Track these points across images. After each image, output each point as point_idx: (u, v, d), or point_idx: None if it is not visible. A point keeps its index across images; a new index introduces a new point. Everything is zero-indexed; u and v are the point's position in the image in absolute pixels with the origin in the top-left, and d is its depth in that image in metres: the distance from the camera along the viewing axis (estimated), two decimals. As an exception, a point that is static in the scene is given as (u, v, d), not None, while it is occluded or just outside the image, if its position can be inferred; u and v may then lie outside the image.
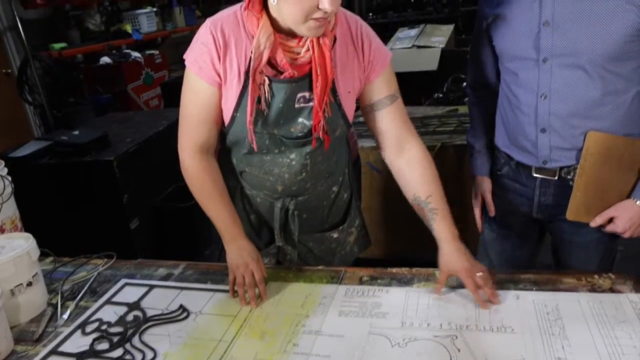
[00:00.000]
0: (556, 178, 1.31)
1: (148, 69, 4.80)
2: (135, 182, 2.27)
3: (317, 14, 1.02)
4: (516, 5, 1.25)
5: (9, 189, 1.29)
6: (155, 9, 5.68)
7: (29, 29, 4.19)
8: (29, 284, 1.17)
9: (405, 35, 4.22)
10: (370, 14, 6.60)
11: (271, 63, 1.14)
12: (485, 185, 1.49)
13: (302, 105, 1.19)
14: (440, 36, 4.13)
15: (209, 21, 1.17)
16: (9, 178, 1.30)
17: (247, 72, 1.15)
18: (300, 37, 1.12)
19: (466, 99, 1.58)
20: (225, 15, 1.17)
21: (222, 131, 1.27)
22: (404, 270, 1.24)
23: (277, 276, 1.25)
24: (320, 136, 1.20)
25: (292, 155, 1.26)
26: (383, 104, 1.26)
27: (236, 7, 1.17)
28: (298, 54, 1.13)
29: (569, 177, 1.30)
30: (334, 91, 1.19)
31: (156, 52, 5.08)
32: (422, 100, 3.44)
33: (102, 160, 2.16)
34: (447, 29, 4.40)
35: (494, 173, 1.48)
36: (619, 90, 1.20)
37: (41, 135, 3.65)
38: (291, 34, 1.12)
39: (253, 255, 1.20)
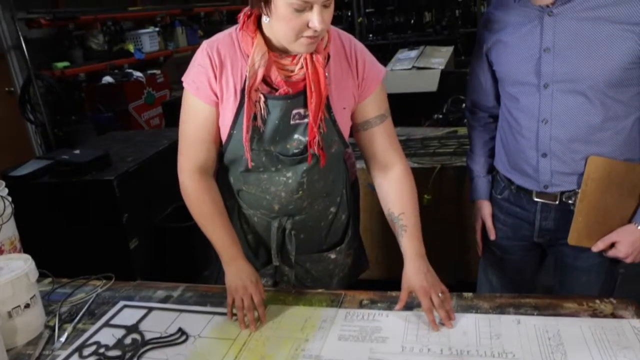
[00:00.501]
0: (557, 202, 1.31)
1: (150, 88, 4.83)
2: (135, 202, 2.26)
3: (308, 32, 1.06)
4: (517, 31, 1.27)
5: (9, 210, 1.29)
6: (157, 29, 5.75)
7: (32, 48, 4.23)
8: (27, 305, 1.16)
9: (405, 57, 4.26)
10: (370, 35, 6.67)
11: (266, 81, 1.17)
12: (485, 209, 1.49)
13: (297, 121, 1.21)
14: (439, 58, 4.16)
15: (205, 43, 1.21)
16: (9, 199, 1.30)
17: (243, 90, 1.17)
18: (294, 55, 1.16)
19: (465, 120, 1.58)
20: (221, 37, 1.21)
21: (220, 150, 1.28)
22: (404, 293, 1.23)
23: (276, 299, 1.25)
24: (316, 152, 1.22)
25: (289, 174, 1.27)
26: (373, 124, 1.29)
27: (232, 29, 1.21)
28: (292, 71, 1.17)
29: (570, 201, 1.30)
30: (328, 107, 1.22)
31: (158, 71, 5.12)
32: (422, 121, 3.46)
33: (102, 180, 2.16)
34: (447, 51, 4.44)
35: (494, 197, 1.48)
36: (619, 115, 1.21)
37: (42, 154, 3.66)
38: (285, 52, 1.16)
39: (252, 278, 1.19)
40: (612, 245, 1.28)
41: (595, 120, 1.21)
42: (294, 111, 1.20)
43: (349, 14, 6.77)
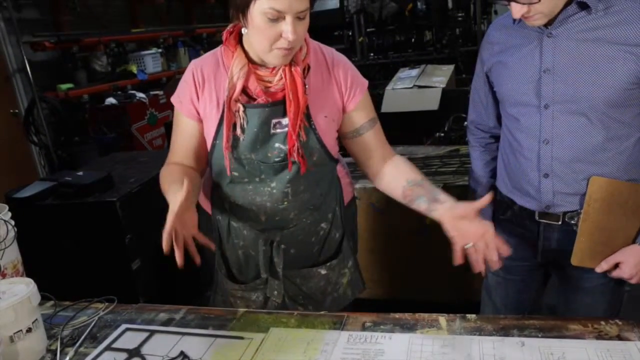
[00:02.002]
0: (560, 223, 1.31)
1: (152, 109, 4.88)
2: (138, 223, 2.26)
3: (281, 43, 1.13)
4: (517, 53, 1.27)
5: (12, 234, 1.29)
6: (160, 50, 5.82)
7: (37, 70, 4.29)
8: (29, 330, 1.15)
9: (406, 76, 4.29)
10: (372, 55, 6.72)
11: (246, 92, 1.24)
12: None
13: (277, 130, 1.26)
14: (441, 76, 4.19)
15: (192, 63, 1.32)
16: (12, 222, 1.31)
17: (225, 102, 1.23)
18: (273, 67, 1.22)
19: (467, 138, 1.59)
20: (206, 56, 1.32)
21: (209, 164, 1.35)
22: (407, 315, 1.22)
23: (279, 322, 1.24)
24: (296, 159, 1.25)
25: (273, 184, 1.30)
26: (366, 128, 1.35)
27: (217, 48, 1.31)
28: (271, 82, 1.22)
29: (572, 222, 1.29)
30: (308, 116, 1.26)
31: (160, 92, 5.18)
32: (424, 140, 3.48)
33: (105, 201, 2.16)
34: (448, 69, 4.48)
35: (497, 217, 1.48)
36: (621, 136, 1.21)
37: (45, 176, 3.68)
38: (263, 65, 1.24)
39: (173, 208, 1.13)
40: (616, 265, 1.27)
41: (597, 140, 1.21)
42: (274, 120, 1.25)
43: (350, 33, 6.83)
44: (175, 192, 1.17)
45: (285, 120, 1.24)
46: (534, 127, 1.27)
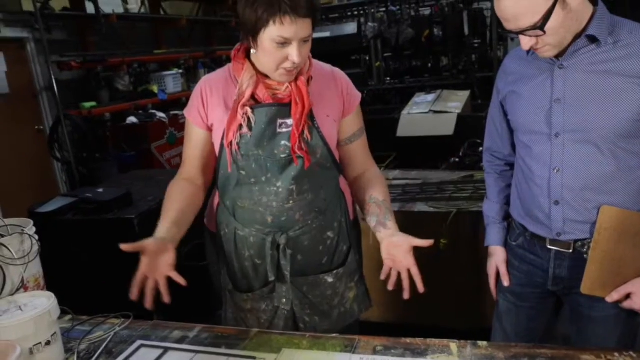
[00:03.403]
0: (571, 251, 1.31)
1: (172, 128, 4.97)
2: (154, 240, 2.30)
3: (287, 64, 1.25)
4: (529, 83, 1.31)
5: (35, 248, 1.33)
6: (181, 71, 5.95)
7: (62, 89, 4.41)
8: (48, 343, 1.18)
9: (422, 100, 4.32)
10: (388, 79, 6.78)
11: (255, 98, 1.34)
12: (500, 255, 1.49)
13: (283, 130, 1.34)
14: (456, 101, 4.22)
15: (202, 78, 1.45)
16: (36, 237, 1.35)
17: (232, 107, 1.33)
18: None
19: (482, 164, 1.61)
20: (215, 72, 1.45)
21: (217, 182, 1.44)
22: (418, 340, 1.23)
23: (290, 343, 1.25)
24: (300, 154, 1.33)
25: (279, 183, 1.36)
26: (356, 137, 1.49)
27: (226, 66, 1.44)
28: (278, 90, 1.33)
29: (583, 250, 1.30)
30: (312, 117, 1.36)
31: (180, 112, 5.28)
32: (439, 165, 3.49)
33: (123, 218, 2.21)
34: (464, 95, 4.50)
35: (509, 244, 1.49)
36: (631, 166, 1.22)
37: (67, 191, 3.76)
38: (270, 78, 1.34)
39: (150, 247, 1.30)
40: (628, 296, 1.27)
41: (607, 170, 1.22)
42: (280, 120, 1.33)
43: (367, 58, 6.91)
44: (162, 230, 1.35)
45: (290, 121, 1.33)
46: (544, 155, 1.29)
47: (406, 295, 1.32)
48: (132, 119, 4.80)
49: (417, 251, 1.31)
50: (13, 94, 4.43)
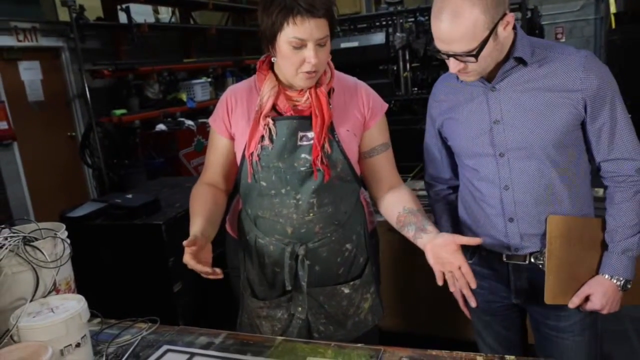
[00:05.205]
0: (527, 263, 1.34)
1: (200, 136, 5.04)
2: (181, 246, 2.32)
3: (306, 67, 1.27)
4: (465, 108, 1.35)
5: (67, 251, 1.36)
6: (209, 79, 6.04)
7: (94, 96, 4.53)
8: (78, 345, 1.20)
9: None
10: (415, 89, 6.75)
11: (276, 110, 1.35)
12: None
13: (304, 142, 1.35)
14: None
15: (228, 88, 1.48)
16: (68, 241, 1.38)
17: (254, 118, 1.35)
18: (301, 90, 1.34)
19: (427, 193, 1.62)
20: (241, 83, 1.47)
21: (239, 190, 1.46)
22: (444, 353, 1.21)
23: (315, 352, 1.25)
24: (320, 168, 1.33)
25: (299, 196, 1.37)
26: (378, 151, 1.45)
27: (251, 77, 1.45)
28: (299, 101, 1.35)
29: (539, 261, 1.33)
30: (332, 130, 1.36)
31: (208, 120, 5.36)
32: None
33: (151, 224, 2.24)
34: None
35: None
36: (571, 175, 1.28)
37: (97, 197, 3.84)
38: (292, 88, 1.36)
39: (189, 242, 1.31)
40: (587, 298, 1.30)
41: (553, 181, 1.27)
42: (301, 133, 1.34)
43: (395, 68, 6.90)
44: (196, 229, 1.37)
45: (311, 134, 1.34)
46: (492, 175, 1.32)
47: (472, 303, 1.31)
48: (161, 127, 4.89)
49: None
50: (47, 101, 4.57)
